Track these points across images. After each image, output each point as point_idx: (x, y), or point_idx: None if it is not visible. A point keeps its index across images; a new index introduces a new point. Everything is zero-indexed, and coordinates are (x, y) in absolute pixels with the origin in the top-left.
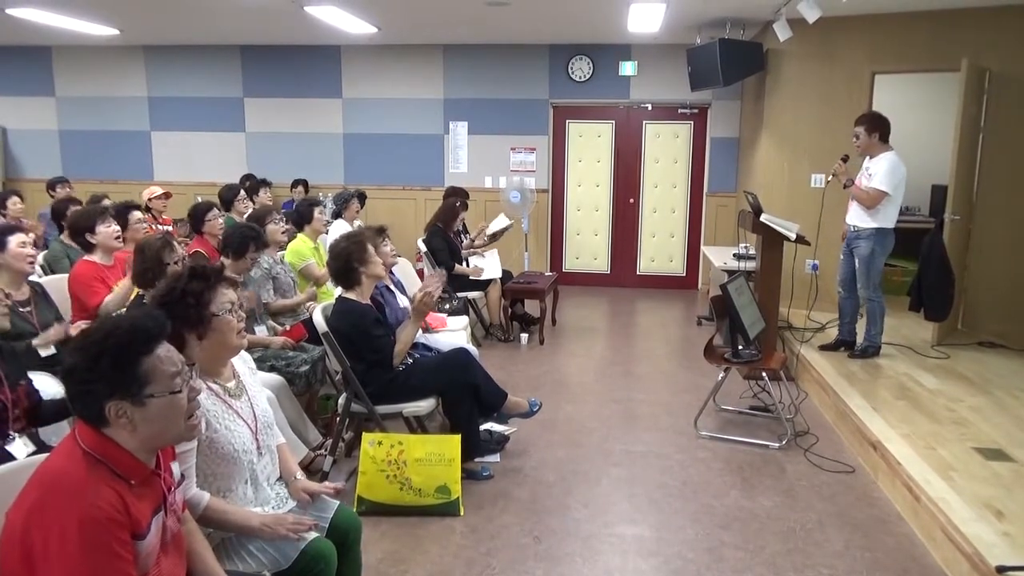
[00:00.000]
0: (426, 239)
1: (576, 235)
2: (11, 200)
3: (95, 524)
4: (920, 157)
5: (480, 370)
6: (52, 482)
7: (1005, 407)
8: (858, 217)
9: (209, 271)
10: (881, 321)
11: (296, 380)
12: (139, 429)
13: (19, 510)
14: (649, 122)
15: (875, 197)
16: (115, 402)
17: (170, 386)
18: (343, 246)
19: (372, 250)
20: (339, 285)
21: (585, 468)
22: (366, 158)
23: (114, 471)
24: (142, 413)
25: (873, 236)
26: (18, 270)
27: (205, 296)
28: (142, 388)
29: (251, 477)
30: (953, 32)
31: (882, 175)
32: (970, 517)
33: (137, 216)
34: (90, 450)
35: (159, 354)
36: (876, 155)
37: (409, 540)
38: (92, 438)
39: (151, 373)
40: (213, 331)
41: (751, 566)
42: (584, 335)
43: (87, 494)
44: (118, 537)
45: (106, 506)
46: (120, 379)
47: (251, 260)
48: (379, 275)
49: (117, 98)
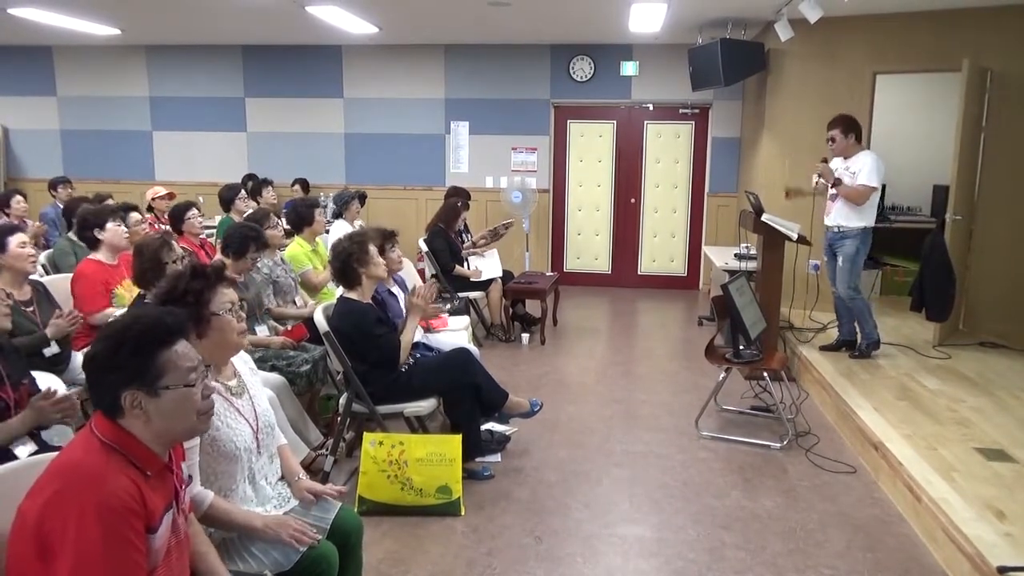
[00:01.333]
0: (428, 239)
1: (577, 235)
2: (15, 199)
3: (113, 511)
4: (921, 157)
5: (481, 370)
6: (70, 472)
7: (1006, 407)
8: (844, 217)
9: (209, 270)
10: (871, 316)
11: (297, 380)
12: (152, 421)
13: (34, 503)
14: (650, 122)
15: (865, 193)
16: (131, 391)
17: (185, 379)
18: (344, 246)
19: (373, 251)
20: (340, 284)
21: (586, 468)
22: (367, 158)
23: (131, 461)
24: (156, 404)
25: (859, 235)
26: (20, 270)
27: (205, 295)
28: (157, 379)
29: (250, 476)
30: (954, 32)
31: (868, 171)
32: (971, 517)
33: (136, 218)
34: (107, 440)
35: (177, 349)
36: (852, 155)
37: (410, 540)
38: (108, 428)
39: (167, 365)
40: (213, 330)
41: (752, 566)
42: (585, 335)
43: (106, 482)
44: (134, 527)
45: (124, 494)
46: (137, 368)
47: (252, 260)
48: (379, 276)
49: (118, 98)
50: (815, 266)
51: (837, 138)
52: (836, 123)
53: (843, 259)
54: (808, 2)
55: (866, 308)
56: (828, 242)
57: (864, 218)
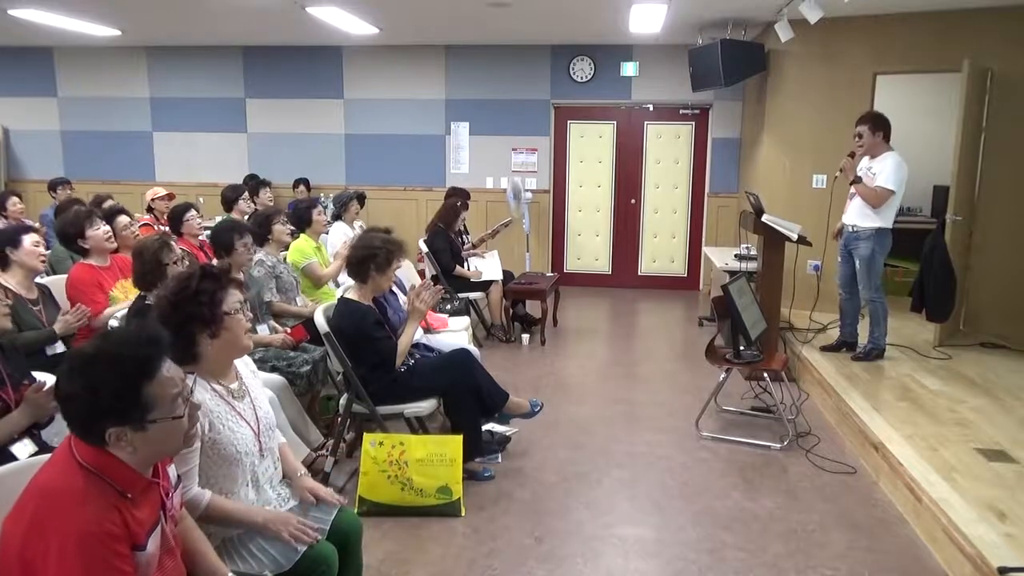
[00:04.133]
0: (428, 240)
1: (577, 236)
2: (11, 201)
3: (93, 539)
4: (922, 158)
5: (481, 371)
6: (48, 497)
7: (1007, 408)
8: (859, 217)
9: (219, 271)
10: (885, 322)
11: (297, 381)
12: (139, 450)
13: (16, 523)
14: (650, 123)
15: (882, 196)
16: (116, 429)
17: (172, 411)
18: (376, 244)
19: (393, 265)
20: (349, 274)
21: (586, 469)
22: (368, 159)
23: (112, 485)
24: (143, 436)
25: (873, 236)
26: (31, 268)
27: (218, 295)
28: (145, 414)
29: (252, 479)
30: (955, 33)
31: (888, 174)
32: (972, 518)
33: (124, 221)
34: (87, 464)
35: (161, 376)
36: (878, 155)
37: (410, 541)
38: (88, 453)
39: (154, 399)
40: (226, 330)
41: (752, 567)
42: (585, 336)
43: (85, 510)
44: (116, 551)
45: (104, 521)
46: (122, 409)
47: (242, 249)
48: (383, 288)
49: (119, 99)
50: (816, 266)
51: (865, 134)
52: (865, 119)
53: (860, 261)
54: (808, 3)
55: (883, 313)
56: (844, 242)
57: (879, 219)
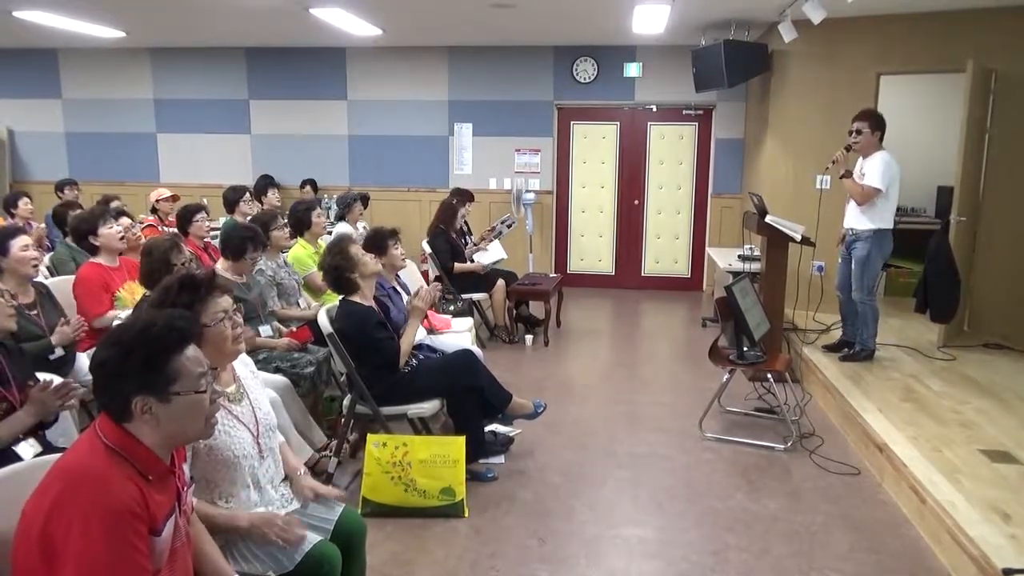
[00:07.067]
0: (430, 240)
1: (581, 236)
2: (22, 201)
3: (117, 515)
4: (925, 158)
5: (485, 371)
6: (74, 475)
7: (1011, 409)
8: (856, 219)
9: (199, 280)
10: (874, 324)
11: (301, 381)
12: (162, 425)
13: (39, 504)
14: (654, 123)
15: (867, 194)
16: (142, 397)
17: (196, 385)
18: (327, 261)
19: (355, 251)
20: (340, 294)
21: (590, 470)
22: (371, 160)
23: (134, 465)
24: (167, 410)
25: (871, 238)
26: (23, 274)
27: (195, 308)
28: (169, 385)
29: (253, 481)
30: (959, 33)
31: (874, 172)
32: (976, 520)
33: (125, 223)
34: (112, 444)
35: (188, 354)
36: (871, 154)
37: (413, 542)
38: (114, 433)
39: (179, 371)
40: (205, 343)
41: (756, 568)
42: (589, 337)
43: (110, 486)
44: (137, 530)
45: (127, 499)
46: (149, 375)
47: (251, 260)
48: (374, 272)
49: (123, 100)
50: (819, 267)
51: (864, 132)
52: (865, 116)
53: (855, 262)
54: (812, 3)
55: (872, 316)
56: (847, 243)
57: (875, 220)
